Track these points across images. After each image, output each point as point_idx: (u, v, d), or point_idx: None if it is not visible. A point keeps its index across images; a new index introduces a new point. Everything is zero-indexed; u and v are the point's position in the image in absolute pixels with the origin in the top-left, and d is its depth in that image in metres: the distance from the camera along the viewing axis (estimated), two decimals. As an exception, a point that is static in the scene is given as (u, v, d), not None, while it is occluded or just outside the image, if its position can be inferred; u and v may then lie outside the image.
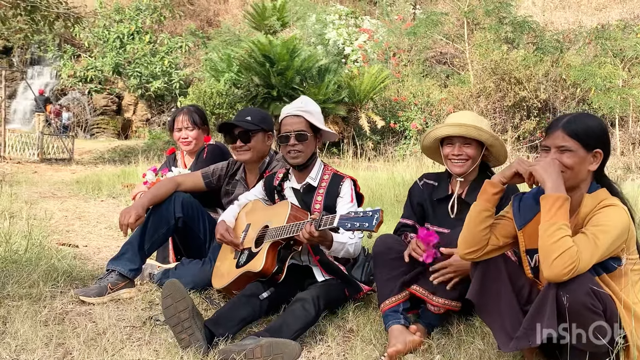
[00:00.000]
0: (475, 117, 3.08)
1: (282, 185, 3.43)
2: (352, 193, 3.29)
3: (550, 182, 2.22)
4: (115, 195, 8.16)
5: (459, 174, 3.06)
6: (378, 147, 14.96)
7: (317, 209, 3.26)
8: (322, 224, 2.83)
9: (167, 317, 2.70)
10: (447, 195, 3.14)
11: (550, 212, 2.19)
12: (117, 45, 19.96)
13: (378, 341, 2.85)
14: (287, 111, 3.36)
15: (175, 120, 4.30)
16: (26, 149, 15.22)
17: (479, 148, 3.03)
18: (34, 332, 2.71)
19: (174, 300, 2.69)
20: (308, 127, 3.31)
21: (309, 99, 3.47)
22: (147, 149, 15.81)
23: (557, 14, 21.80)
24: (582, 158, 2.30)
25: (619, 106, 13.42)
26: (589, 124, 2.33)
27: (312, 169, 3.37)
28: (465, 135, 2.98)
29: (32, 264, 3.67)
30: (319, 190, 3.32)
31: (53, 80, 25.51)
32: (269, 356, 2.44)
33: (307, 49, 15.94)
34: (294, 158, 3.29)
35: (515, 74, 14.73)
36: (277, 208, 3.30)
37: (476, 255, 2.43)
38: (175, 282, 2.76)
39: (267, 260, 3.04)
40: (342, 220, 2.74)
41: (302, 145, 3.28)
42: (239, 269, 3.20)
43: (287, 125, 3.31)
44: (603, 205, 2.24)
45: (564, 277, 2.10)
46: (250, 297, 3.00)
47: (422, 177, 3.32)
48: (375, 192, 7.66)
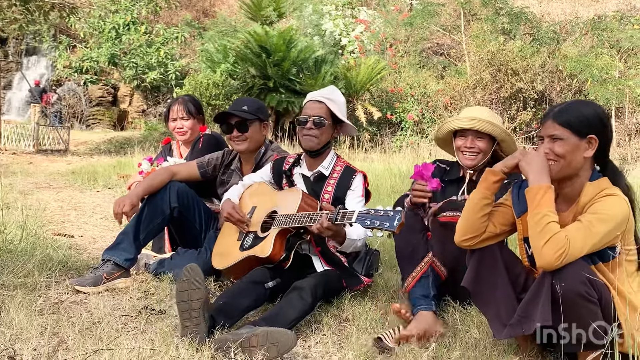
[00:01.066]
0: (490, 113, 3.16)
1: (292, 171, 3.41)
2: (363, 188, 3.30)
3: (532, 175, 2.27)
4: (111, 186, 8.15)
5: (469, 166, 3.14)
6: (374, 139, 14.95)
7: (326, 199, 3.25)
8: (338, 218, 2.82)
9: (178, 300, 2.67)
10: (458, 177, 3.23)
11: (534, 202, 2.22)
12: (112, 35, 19.84)
13: (374, 330, 2.85)
14: (312, 96, 3.36)
15: (171, 110, 4.28)
16: (21, 139, 15.17)
17: (490, 142, 3.11)
18: (29, 321, 2.70)
19: (190, 287, 2.65)
20: (328, 115, 3.30)
21: (337, 89, 3.46)
22: (143, 140, 15.79)
23: (553, 4, 21.76)
24: (575, 146, 2.30)
25: (615, 97, 13.43)
26: (581, 110, 2.33)
27: (325, 158, 3.36)
28: (480, 129, 3.06)
29: (27, 253, 3.65)
30: (330, 181, 3.31)
31: (48, 71, 25.38)
32: (264, 345, 2.43)
33: (304, 40, 15.88)
34: (307, 142, 3.28)
35: (511, 65, 14.72)
36: (286, 194, 3.28)
37: (473, 242, 2.44)
38: (197, 270, 2.71)
39: (275, 247, 3.02)
40: (360, 216, 2.72)
41: (318, 131, 3.27)
42: (243, 251, 3.18)
43: (307, 109, 3.32)
44: (604, 194, 2.24)
45: (556, 262, 2.10)
46: (257, 284, 2.97)
47: (435, 161, 3.37)
48: (372, 183, 7.57)
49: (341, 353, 2.63)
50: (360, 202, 3.25)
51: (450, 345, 2.68)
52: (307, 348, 2.70)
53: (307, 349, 2.69)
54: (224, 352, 2.47)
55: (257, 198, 3.42)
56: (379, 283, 3.54)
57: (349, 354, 2.57)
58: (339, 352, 2.65)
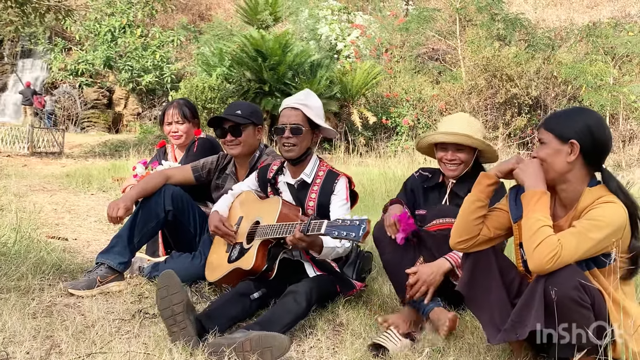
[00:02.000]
0: (467, 123, 3.15)
1: (276, 179, 3.39)
2: (347, 191, 3.25)
3: (527, 181, 2.29)
4: (106, 189, 8.13)
5: (452, 177, 3.17)
6: (370, 143, 14.96)
7: (310, 207, 3.24)
8: (310, 228, 2.81)
9: (160, 308, 2.68)
10: (437, 183, 3.26)
11: (528, 207, 2.24)
12: (108, 38, 19.85)
13: (368, 335, 2.85)
14: (287, 103, 3.32)
15: (166, 114, 4.27)
16: (16, 142, 15.12)
17: (471, 152, 3.13)
18: (22, 324, 2.69)
19: (169, 293, 2.67)
20: (305, 121, 3.25)
21: (312, 93, 3.42)
22: (138, 143, 15.74)
23: (548, 11, 21.86)
24: (556, 150, 2.31)
25: (609, 104, 13.49)
26: (569, 116, 2.35)
27: (306, 165, 3.31)
28: (459, 142, 3.07)
29: (20, 256, 3.64)
30: (313, 187, 3.28)
31: (44, 73, 25.32)
32: (258, 349, 2.43)
33: (300, 44, 15.92)
34: (287, 151, 3.24)
35: (506, 70, 14.78)
36: (268, 204, 3.28)
37: (467, 245, 2.45)
38: (172, 274, 2.73)
39: (257, 259, 3.03)
40: (329, 227, 2.71)
41: (297, 138, 3.21)
42: (230, 264, 3.19)
43: (284, 117, 3.27)
44: (602, 201, 2.24)
45: (547, 265, 2.11)
46: (242, 296, 2.99)
47: (418, 170, 3.44)
48: (367, 188, 7.66)
49: (335, 358, 2.63)
50: (343, 206, 3.21)
51: (444, 350, 2.68)
52: (301, 353, 2.69)
53: (301, 353, 2.69)
54: (218, 356, 2.47)
55: (244, 208, 3.42)
56: (373, 288, 3.54)
57: (342, 359, 2.57)
58: (333, 356, 2.65)
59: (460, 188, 3.14)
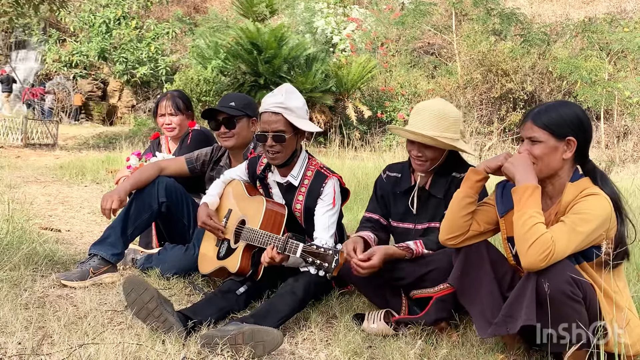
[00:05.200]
0: (436, 119, 2.83)
1: (266, 174, 3.29)
2: (335, 195, 3.12)
3: (518, 175, 2.27)
4: (99, 181, 8.11)
5: (419, 171, 2.96)
6: (365, 137, 14.95)
7: (297, 209, 3.17)
8: (286, 248, 2.75)
9: (135, 312, 2.68)
10: (410, 187, 3.03)
11: (520, 202, 2.23)
12: (103, 30, 19.77)
13: (360, 327, 2.85)
14: (266, 107, 3.11)
15: (159, 106, 4.25)
16: (10, 133, 15.05)
17: (439, 150, 2.89)
18: (14, 315, 2.68)
19: (138, 294, 2.67)
20: (287, 126, 3.06)
21: (292, 90, 3.19)
22: (132, 135, 15.70)
23: (544, 6, 21.86)
24: (553, 148, 2.30)
25: (604, 99, 13.52)
26: (560, 112, 2.33)
27: (294, 166, 3.18)
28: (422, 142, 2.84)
29: (13, 247, 3.62)
30: (301, 189, 3.17)
31: (38, 64, 25.21)
32: (250, 343, 2.43)
33: (295, 37, 15.86)
34: (272, 159, 3.13)
35: (502, 65, 14.80)
36: (253, 203, 3.20)
37: (457, 241, 2.46)
38: (132, 277, 2.76)
39: (242, 262, 3.03)
40: (304, 252, 2.66)
41: (280, 146, 3.06)
42: (219, 261, 3.19)
43: (264, 124, 3.08)
44: (585, 194, 2.25)
45: (541, 263, 2.11)
46: (227, 293, 3.00)
47: (385, 169, 3.21)
48: (361, 181, 7.65)
49: (328, 350, 2.63)
50: (328, 212, 3.09)
51: (437, 343, 2.69)
52: (295, 345, 2.69)
53: (295, 345, 2.69)
54: (211, 348, 2.47)
55: (233, 200, 3.37)
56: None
57: (336, 351, 2.57)
58: (327, 348, 2.65)
59: (436, 190, 2.94)
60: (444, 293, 2.74)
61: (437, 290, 2.77)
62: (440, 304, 2.76)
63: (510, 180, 2.36)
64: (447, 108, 2.88)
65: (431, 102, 2.94)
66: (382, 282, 2.92)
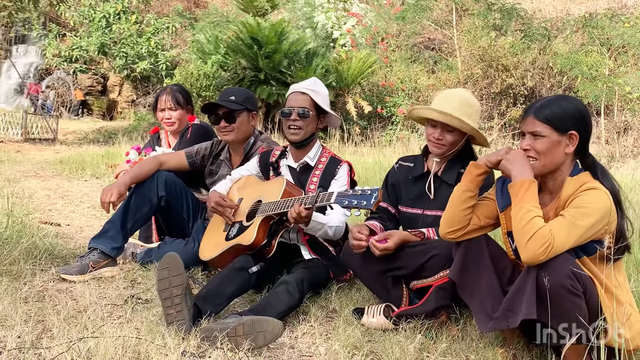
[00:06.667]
0: (463, 105, 2.92)
1: (279, 163, 3.43)
2: (348, 178, 3.29)
3: (515, 171, 2.27)
4: (99, 176, 8.11)
5: (436, 155, 3.01)
6: (365, 132, 14.94)
7: (311, 189, 3.25)
8: (318, 200, 2.82)
9: (159, 288, 2.69)
10: (422, 173, 3.10)
11: (517, 197, 2.23)
12: (102, 24, 19.69)
13: (360, 322, 2.85)
14: (295, 88, 3.37)
15: (159, 100, 4.25)
16: (10, 128, 15.04)
17: (461, 135, 2.95)
18: (14, 308, 2.68)
19: (170, 274, 2.68)
20: (312, 106, 3.31)
21: (320, 81, 3.46)
22: (132, 130, 15.68)
23: (545, 1, 21.81)
24: (556, 142, 2.30)
25: (604, 95, 13.48)
26: (562, 106, 2.32)
27: (310, 149, 3.38)
28: (448, 123, 2.90)
29: (12, 241, 3.62)
30: (315, 171, 3.32)
31: (38, 59, 25.15)
32: (250, 334, 2.43)
33: (296, 32, 15.81)
34: (292, 134, 3.29)
35: (502, 61, 14.76)
36: (271, 183, 3.31)
37: (457, 235, 2.46)
38: (176, 257, 2.73)
39: (259, 234, 3.04)
40: (339, 197, 2.72)
41: (303, 122, 3.27)
42: (228, 241, 3.19)
43: (291, 101, 3.32)
44: (585, 188, 2.25)
45: (540, 257, 2.11)
46: (240, 270, 3.00)
47: (398, 160, 3.30)
48: (361, 176, 7.65)
49: (328, 344, 2.63)
50: (343, 188, 3.18)
51: (437, 337, 2.69)
52: (294, 339, 2.70)
53: (294, 339, 2.69)
54: (211, 341, 2.47)
55: (244, 190, 3.43)
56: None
57: (335, 345, 2.57)
58: (326, 342, 2.65)
59: (449, 177, 2.99)
60: (444, 281, 2.76)
61: (437, 278, 2.81)
62: (440, 291, 2.79)
63: (507, 176, 2.36)
64: (472, 97, 3.02)
65: (457, 90, 3.08)
66: (382, 270, 2.94)
